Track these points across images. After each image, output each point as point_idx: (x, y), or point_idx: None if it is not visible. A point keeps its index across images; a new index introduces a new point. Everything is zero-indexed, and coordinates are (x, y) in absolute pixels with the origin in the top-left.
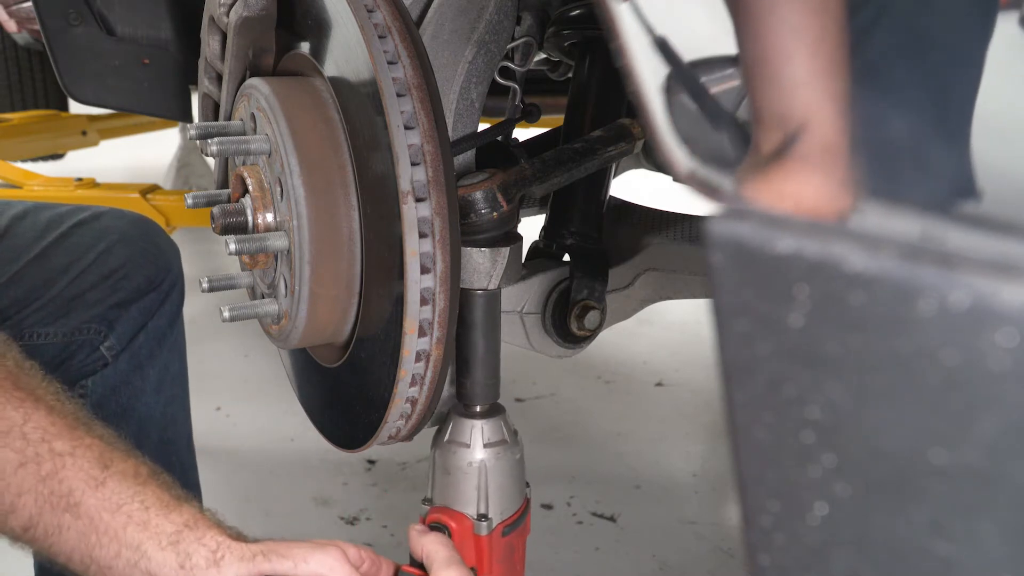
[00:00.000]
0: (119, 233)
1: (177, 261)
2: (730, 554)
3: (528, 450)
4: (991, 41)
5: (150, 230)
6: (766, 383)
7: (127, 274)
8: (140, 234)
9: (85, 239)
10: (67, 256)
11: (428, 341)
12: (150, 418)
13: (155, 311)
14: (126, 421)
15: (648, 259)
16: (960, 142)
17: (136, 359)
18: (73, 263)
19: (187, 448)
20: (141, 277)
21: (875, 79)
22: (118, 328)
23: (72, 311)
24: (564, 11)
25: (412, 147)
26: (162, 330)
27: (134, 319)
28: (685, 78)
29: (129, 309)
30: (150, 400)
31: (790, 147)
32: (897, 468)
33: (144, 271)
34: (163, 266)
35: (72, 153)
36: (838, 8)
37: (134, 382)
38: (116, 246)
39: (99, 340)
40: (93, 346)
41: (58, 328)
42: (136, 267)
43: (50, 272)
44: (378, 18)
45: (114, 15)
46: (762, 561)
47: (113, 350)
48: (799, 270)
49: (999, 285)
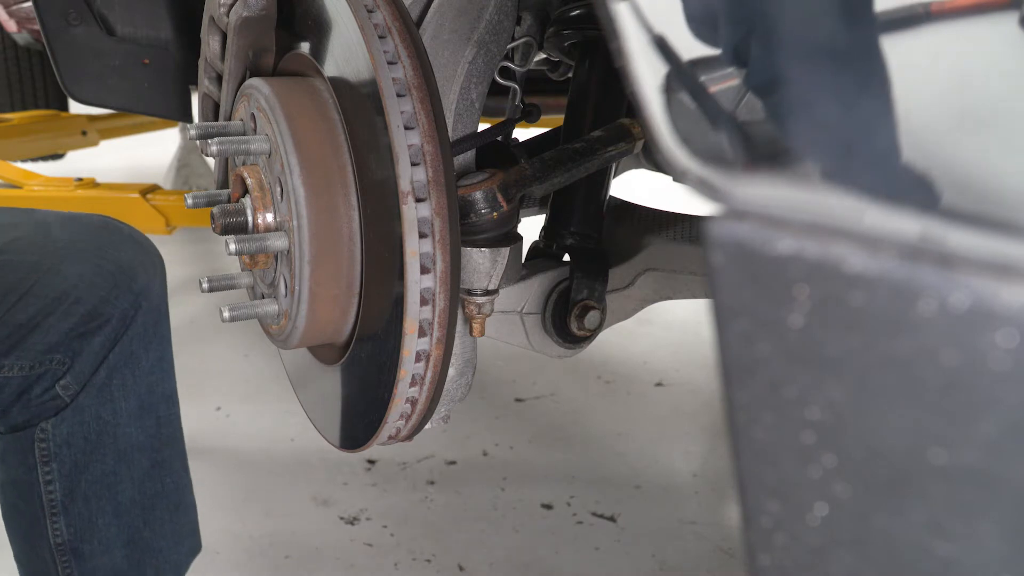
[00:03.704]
0: (67, 247)
1: (148, 272)
2: (730, 554)
3: (528, 450)
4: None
5: (109, 239)
6: (766, 383)
7: (78, 298)
8: (95, 246)
9: (25, 256)
10: (3, 275)
11: (428, 341)
12: (135, 447)
13: (118, 338)
14: (99, 457)
15: (648, 259)
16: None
17: (105, 393)
18: (13, 285)
19: (182, 467)
20: (95, 299)
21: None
22: (78, 363)
23: (26, 339)
24: (564, 11)
25: (412, 147)
26: (134, 355)
27: (95, 352)
28: (685, 78)
29: (91, 339)
30: (130, 431)
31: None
32: (897, 468)
33: (98, 292)
34: (124, 284)
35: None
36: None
37: (104, 416)
38: (63, 264)
39: (60, 372)
40: (52, 380)
41: (14, 360)
42: (88, 288)
43: None
44: (378, 18)
45: (114, 15)
46: (762, 561)
47: (70, 389)
48: (799, 270)
49: (999, 286)
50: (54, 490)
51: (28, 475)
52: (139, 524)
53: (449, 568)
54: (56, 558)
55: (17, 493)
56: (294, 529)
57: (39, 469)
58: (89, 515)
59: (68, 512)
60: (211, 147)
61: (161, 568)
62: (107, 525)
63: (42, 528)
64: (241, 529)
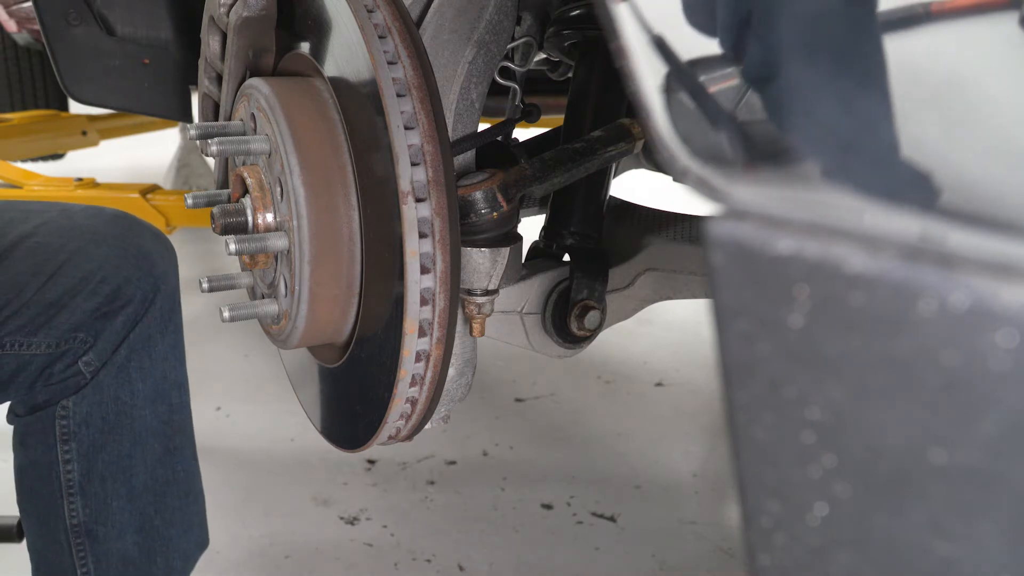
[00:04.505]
0: (92, 232)
1: (165, 261)
2: (730, 554)
3: (528, 450)
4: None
5: (130, 228)
6: (766, 383)
7: (104, 277)
8: (117, 233)
9: (53, 239)
10: (33, 257)
11: (428, 341)
12: (150, 431)
13: (138, 319)
14: (116, 438)
15: (648, 259)
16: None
17: (124, 373)
18: (41, 265)
19: (192, 455)
20: (120, 279)
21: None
22: (100, 341)
23: (54, 318)
24: (564, 11)
25: (412, 147)
26: (151, 338)
27: (116, 331)
28: (685, 78)
29: (114, 319)
30: (145, 413)
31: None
32: (897, 468)
33: (122, 273)
34: (145, 268)
35: (72, 153)
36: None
37: (122, 397)
38: (89, 246)
39: (83, 349)
40: (74, 357)
41: (42, 338)
42: (113, 269)
43: (15, 275)
44: (378, 18)
45: (114, 15)
46: (762, 561)
47: (91, 366)
48: (799, 270)
49: (999, 286)
50: (72, 470)
51: (48, 454)
52: (151, 511)
53: (449, 568)
54: (71, 540)
55: (36, 475)
56: (294, 529)
57: (59, 448)
58: (105, 496)
59: (85, 492)
60: (211, 147)
61: (170, 556)
62: (121, 509)
63: (59, 509)
64: (241, 529)
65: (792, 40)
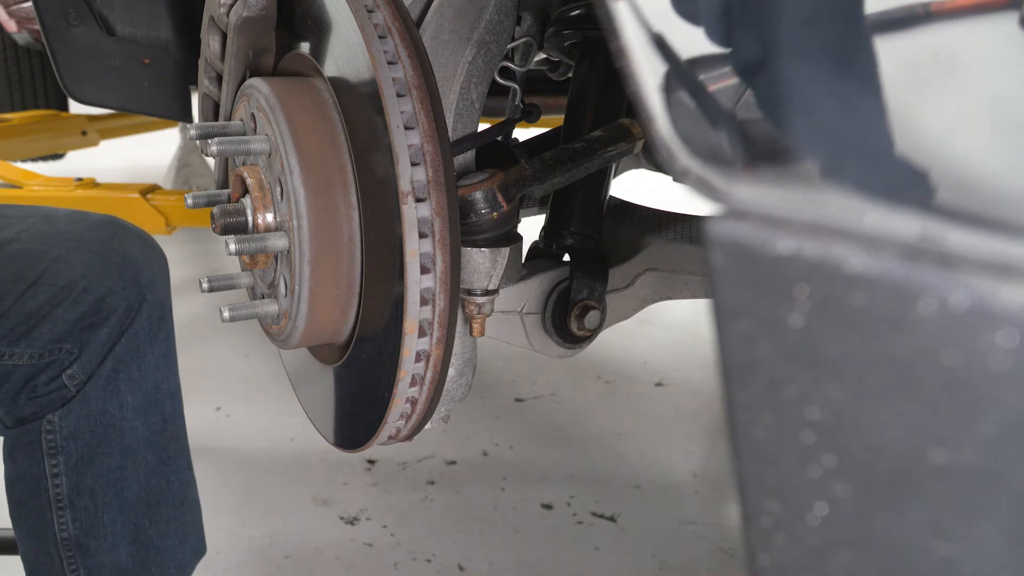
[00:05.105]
0: (75, 238)
1: (152, 268)
2: (730, 554)
3: (528, 450)
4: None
5: (115, 234)
6: (766, 383)
7: (87, 287)
8: (101, 239)
9: (34, 245)
10: (13, 264)
11: (428, 341)
12: (142, 442)
13: (124, 330)
14: (106, 452)
15: (648, 259)
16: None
17: (112, 386)
18: (22, 272)
19: (187, 464)
20: (103, 289)
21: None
22: (85, 353)
23: (36, 328)
24: (564, 11)
25: (412, 147)
26: (140, 349)
27: (101, 343)
28: (684, 77)
29: (99, 331)
30: (136, 425)
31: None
32: (897, 468)
33: (106, 283)
34: (130, 276)
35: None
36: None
37: (111, 410)
38: (71, 254)
39: (68, 361)
40: (59, 369)
41: (24, 348)
42: (97, 278)
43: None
44: (378, 18)
45: (114, 15)
46: (762, 561)
47: (76, 379)
48: (799, 270)
49: (999, 286)
50: (60, 484)
51: (35, 468)
52: (144, 522)
53: (449, 568)
54: (62, 554)
55: (24, 488)
56: (294, 529)
57: (46, 462)
58: (95, 509)
59: (74, 506)
60: (211, 147)
61: (166, 567)
62: (112, 521)
63: (48, 523)
64: (241, 529)
65: (792, 40)
